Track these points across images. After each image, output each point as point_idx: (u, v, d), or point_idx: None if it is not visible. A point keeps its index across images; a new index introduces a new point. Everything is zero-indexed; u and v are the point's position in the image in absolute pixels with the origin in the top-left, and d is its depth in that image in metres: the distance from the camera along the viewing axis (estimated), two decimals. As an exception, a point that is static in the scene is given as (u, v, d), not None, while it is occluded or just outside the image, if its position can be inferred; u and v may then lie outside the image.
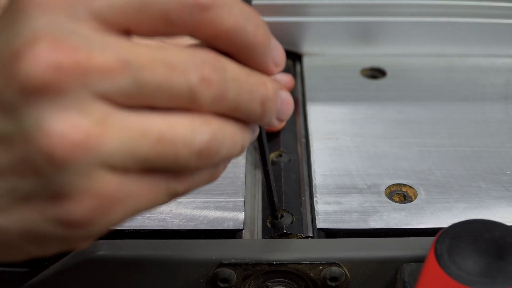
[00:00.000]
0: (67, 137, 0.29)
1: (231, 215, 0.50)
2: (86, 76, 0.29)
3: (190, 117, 0.31)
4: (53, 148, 0.29)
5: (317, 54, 0.68)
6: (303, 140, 0.59)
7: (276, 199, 0.49)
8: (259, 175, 0.57)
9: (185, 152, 0.31)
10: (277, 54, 0.35)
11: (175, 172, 0.32)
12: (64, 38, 0.29)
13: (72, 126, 0.29)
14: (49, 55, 0.28)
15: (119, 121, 0.30)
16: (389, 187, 0.53)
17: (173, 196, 0.33)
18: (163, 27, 0.31)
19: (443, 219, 0.49)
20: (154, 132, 0.30)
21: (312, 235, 0.50)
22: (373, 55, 0.68)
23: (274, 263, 0.46)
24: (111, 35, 0.30)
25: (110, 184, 0.31)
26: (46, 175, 0.30)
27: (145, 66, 0.30)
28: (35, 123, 0.29)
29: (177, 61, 0.31)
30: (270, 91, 0.34)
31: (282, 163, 0.56)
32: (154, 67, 0.30)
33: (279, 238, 0.50)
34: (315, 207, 0.51)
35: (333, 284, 0.46)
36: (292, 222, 0.50)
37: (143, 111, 0.31)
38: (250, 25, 0.34)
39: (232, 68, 0.32)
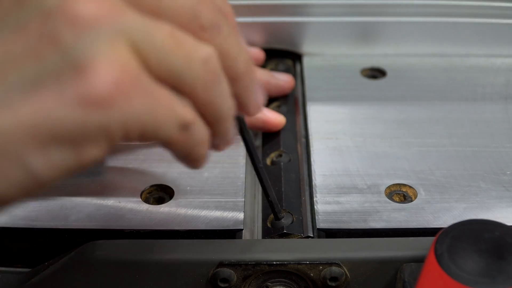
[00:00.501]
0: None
1: (231, 215, 0.50)
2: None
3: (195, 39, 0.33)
4: (79, 9, 0.29)
5: (317, 54, 0.68)
6: (303, 140, 0.59)
7: (275, 198, 0.49)
8: (259, 175, 0.57)
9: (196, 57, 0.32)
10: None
11: (184, 87, 0.32)
12: None
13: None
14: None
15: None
16: (389, 187, 0.53)
17: (181, 122, 0.33)
18: None
19: (443, 219, 0.49)
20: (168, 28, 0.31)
21: (312, 235, 0.50)
22: (373, 55, 0.68)
23: (274, 263, 0.46)
24: None
25: (131, 63, 0.30)
26: (67, 43, 0.29)
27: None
28: None
29: None
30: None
31: (282, 163, 0.56)
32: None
33: (279, 238, 0.50)
34: (315, 207, 0.51)
35: (333, 284, 0.46)
36: (292, 222, 0.50)
37: None
38: None
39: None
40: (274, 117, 0.58)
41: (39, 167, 0.30)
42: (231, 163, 0.55)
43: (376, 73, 0.66)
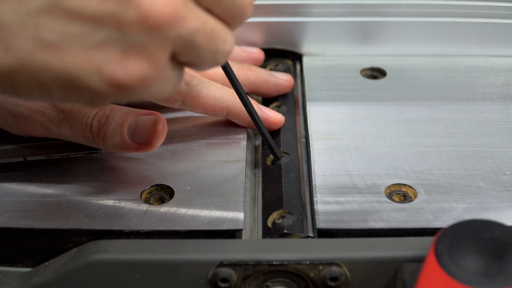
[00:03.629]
0: (163, 6, 0.35)
1: (231, 215, 0.50)
2: None
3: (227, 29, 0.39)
4: (151, 14, 0.35)
5: (317, 54, 0.68)
6: (303, 140, 0.59)
7: (270, 137, 0.55)
8: (259, 175, 0.57)
9: (222, 47, 0.39)
10: None
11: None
12: None
13: (170, 3, 0.36)
14: None
15: (196, 11, 0.37)
16: (389, 187, 0.53)
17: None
18: None
19: (443, 219, 0.49)
20: (210, 25, 0.38)
21: (312, 235, 0.50)
22: (373, 55, 0.68)
23: (274, 263, 0.46)
24: None
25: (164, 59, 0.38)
26: (131, 33, 0.35)
27: None
28: None
29: None
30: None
31: (282, 163, 0.56)
32: None
33: (279, 238, 0.50)
34: (315, 207, 0.51)
35: (333, 284, 0.46)
36: (293, 223, 0.50)
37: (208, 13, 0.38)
38: None
39: None
40: (273, 115, 0.59)
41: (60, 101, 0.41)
42: (231, 163, 0.55)
43: (376, 73, 0.66)
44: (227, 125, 0.59)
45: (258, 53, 0.66)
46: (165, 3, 0.35)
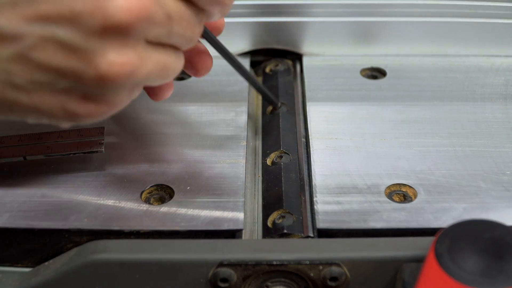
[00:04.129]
0: (120, 66, 0.39)
1: (231, 215, 0.50)
2: (148, 24, 0.40)
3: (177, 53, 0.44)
4: (108, 74, 0.39)
5: (317, 54, 0.68)
6: (303, 140, 0.59)
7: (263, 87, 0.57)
8: (259, 175, 0.57)
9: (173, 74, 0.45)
10: None
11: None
12: None
13: (125, 59, 0.39)
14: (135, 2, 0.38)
15: (149, 55, 0.41)
16: (389, 187, 0.53)
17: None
18: None
19: (443, 219, 0.49)
20: (162, 62, 0.42)
21: (312, 235, 0.50)
22: (373, 55, 0.68)
23: (274, 263, 0.46)
24: None
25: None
26: (89, 85, 0.39)
27: (177, 20, 0.42)
28: (102, 49, 0.39)
29: (190, 18, 0.43)
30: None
31: (282, 163, 0.56)
32: (181, 22, 0.42)
33: (279, 238, 0.50)
34: (315, 207, 0.51)
35: (333, 284, 0.46)
36: (293, 223, 0.50)
37: (159, 47, 0.42)
38: None
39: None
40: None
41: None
42: (231, 163, 0.55)
43: (376, 73, 0.66)
44: (227, 125, 0.59)
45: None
46: (122, 64, 0.39)
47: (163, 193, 0.52)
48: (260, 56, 0.69)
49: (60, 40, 0.38)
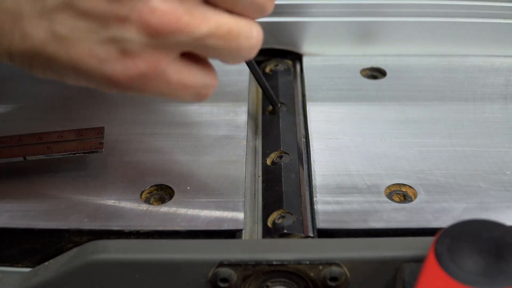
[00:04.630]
0: (163, 15, 0.38)
1: (231, 215, 0.50)
2: None
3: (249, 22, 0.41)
4: (151, 21, 0.38)
5: (317, 54, 0.68)
6: (303, 140, 0.59)
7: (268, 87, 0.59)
8: (259, 175, 0.57)
9: (245, 43, 0.41)
10: None
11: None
12: None
13: (168, 8, 0.38)
14: None
15: (206, 15, 0.39)
16: (389, 187, 0.53)
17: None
18: None
19: (443, 219, 0.49)
20: (226, 26, 0.40)
21: (312, 235, 0.50)
22: (373, 55, 0.68)
23: (274, 263, 0.46)
24: None
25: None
26: (132, 35, 0.38)
27: None
28: None
29: None
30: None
31: (282, 163, 0.56)
32: None
33: (279, 238, 0.50)
34: (315, 207, 0.51)
35: (333, 284, 0.46)
36: (293, 223, 0.50)
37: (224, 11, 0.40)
38: None
39: None
40: None
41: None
42: (231, 163, 0.55)
43: (376, 73, 0.66)
44: (227, 125, 0.59)
45: None
46: (164, 12, 0.38)
47: (163, 193, 0.52)
48: (260, 56, 0.69)
49: None
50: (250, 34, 0.41)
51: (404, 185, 0.53)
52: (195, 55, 0.42)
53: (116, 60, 0.40)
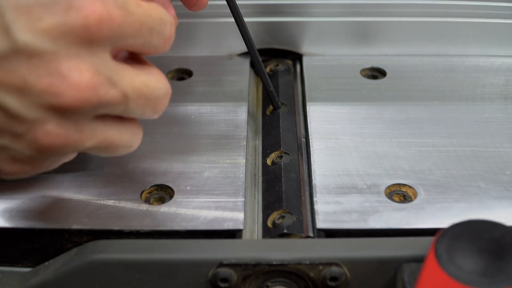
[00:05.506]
0: (56, 137, 0.40)
1: (231, 215, 0.50)
2: (99, 106, 0.40)
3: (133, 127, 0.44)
4: (43, 139, 0.40)
5: (317, 54, 0.68)
6: (303, 140, 0.59)
7: (270, 84, 0.59)
8: (259, 175, 0.57)
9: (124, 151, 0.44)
10: None
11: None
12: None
13: (63, 132, 0.40)
14: (98, 10, 0.38)
15: (94, 131, 0.41)
16: (389, 187, 0.53)
17: None
18: None
19: (443, 219, 0.49)
20: (110, 138, 0.42)
21: (312, 235, 0.50)
22: (373, 55, 0.68)
23: (274, 263, 0.46)
24: None
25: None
26: (22, 147, 0.40)
27: (134, 99, 0.42)
28: (44, 119, 0.39)
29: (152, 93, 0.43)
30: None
31: (282, 163, 0.56)
32: (139, 100, 0.42)
33: (279, 238, 0.50)
34: (315, 207, 0.51)
35: (333, 284, 0.46)
36: (293, 223, 0.50)
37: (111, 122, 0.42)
38: None
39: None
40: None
41: None
42: (231, 163, 0.55)
43: (376, 73, 0.66)
44: (227, 125, 0.59)
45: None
46: (58, 135, 0.40)
47: (163, 193, 0.52)
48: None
49: (5, 107, 0.39)
50: (130, 143, 0.44)
51: (404, 185, 0.53)
52: None
53: (6, 162, 0.42)
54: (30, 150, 0.41)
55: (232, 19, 0.57)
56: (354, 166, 0.55)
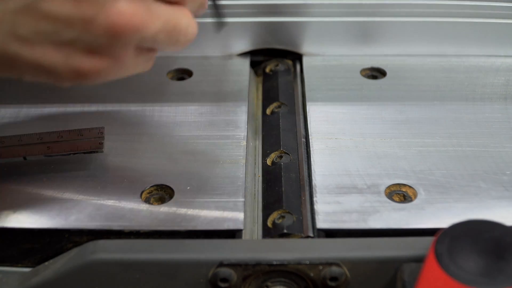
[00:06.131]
0: (130, 17, 0.39)
1: (231, 215, 0.50)
2: None
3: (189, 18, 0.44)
4: (119, 23, 0.39)
5: (317, 54, 0.68)
6: (303, 140, 0.59)
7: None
8: (259, 175, 0.57)
9: (184, 39, 0.44)
10: None
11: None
12: None
13: (135, 10, 0.39)
14: None
15: (159, 12, 0.41)
16: (389, 187, 0.53)
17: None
18: None
19: (443, 219, 0.49)
20: (173, 22, 0.42)
21: (312, 235, 0.50)
22: (373, 55, 0.68)
23: (274, 263, 0.46)
24: None
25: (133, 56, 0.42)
26: (98, 36, 0.39)
27: None
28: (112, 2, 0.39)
29: None
30: None
31: (282, 163, 0.56)
32: None
33: (279, 238, 0.50)
34: (315, 207, 0.51)
35: (333, 284, 0.46)
36: (293, 223, 0.50)
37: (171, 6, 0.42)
38: None
39: None
40: None
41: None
42: (231, 163, 0.55)
43: (376, 73, 0.66)
44: (227, 125, 0.59)
45: None
46: (132, 14, 0.39)
47: (163, 193, 0.52)
48: (260, 56, 0.69)
49: None
50: (188, 31, 0.44)
51: (404, 185, 0.53)
52: None
53: (82, 56, 0.40)
54: (104, 36, 0.39)
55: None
56: (354, 166, 0.55)
